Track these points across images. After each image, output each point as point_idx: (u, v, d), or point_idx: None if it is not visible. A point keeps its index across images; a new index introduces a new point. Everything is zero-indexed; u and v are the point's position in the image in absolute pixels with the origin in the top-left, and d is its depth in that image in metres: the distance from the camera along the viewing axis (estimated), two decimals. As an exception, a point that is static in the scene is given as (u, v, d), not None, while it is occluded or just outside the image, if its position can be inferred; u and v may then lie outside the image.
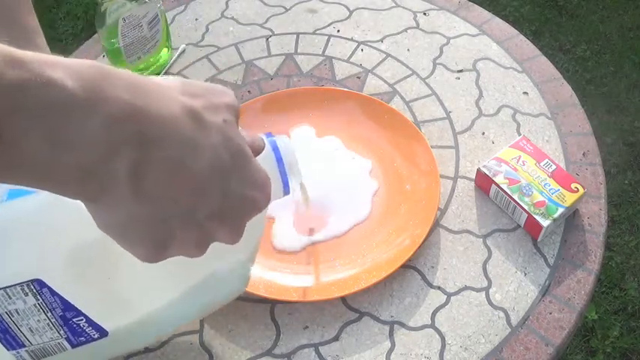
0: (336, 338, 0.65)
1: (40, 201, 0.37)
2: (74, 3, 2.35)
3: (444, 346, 0.64)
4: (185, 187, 0.33)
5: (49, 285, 0.39)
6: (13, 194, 0.38)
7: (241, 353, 0.64)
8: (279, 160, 0.42)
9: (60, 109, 0.28)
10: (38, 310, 0.40)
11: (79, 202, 0.32)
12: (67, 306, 0.40)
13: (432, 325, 0.65)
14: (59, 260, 0.38)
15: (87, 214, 0.33)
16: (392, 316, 0.66)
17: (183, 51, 0.97)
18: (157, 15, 0.89)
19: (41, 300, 0.39)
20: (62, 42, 2.21)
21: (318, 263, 0.70)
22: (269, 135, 0.43)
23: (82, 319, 0.41)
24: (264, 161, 0.40)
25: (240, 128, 0.38)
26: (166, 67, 0.94)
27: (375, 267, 0.68)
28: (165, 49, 0.94)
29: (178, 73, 0.93)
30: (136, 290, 0.42)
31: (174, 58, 0.95)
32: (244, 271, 0.47)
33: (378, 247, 0.70)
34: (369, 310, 0.67)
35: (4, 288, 0.38)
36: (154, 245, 0.33)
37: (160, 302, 0.43)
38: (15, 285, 0.38)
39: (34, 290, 0.39)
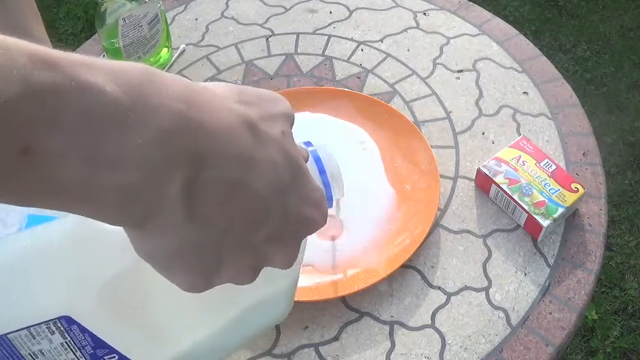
0: (336, 338, 0.65)
1: (65, 227, 0.33)
2: (74, 3, 2.36)
3: (444, 346, 0.64)
4: (244, 208, 0.29)
5: (79, 321, 0.35)
6: (32, 221, 0.35)
7: (241, 353, 0.64)
8: (322, 171, 0.39)
9: (100, 120, 0.24)
10: (66, 350, 0.36)
11: (108, 226, 0.28)
12: (98, 343, 0.36)
13: (432, 325, 0.65)
14: (89, 293, 0.35)
15: (118, 240, 0.29)
16: (392, 316, 0.66)
17: (183, 51, 0.97)
18: (157, 15, 0.89)
19: (69, 338, 0.36)
20: (62, 42, 2.21)
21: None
22: (308, 144, 0.41)
23: (114, 357, 0.37)
24: None
25: None
26: (166, 67, 0.94)
27: (375, 267, 0.68)
28: (165, 49, 0.94)
29: (178, 73, 0.93)
30: (172, 322, 0.38)
31: (174, 58, 0.95)
32: (289, 294, 0.43)
33: (378, 247, 0.70)
34: (369, 310, 0.67)
35: (28, 327, 0.35)
36: (202, 274, 0.30)
37: (199, 335, 0.39)
38: (40, 324, 0.35)
39: (62, 328, 0.35)
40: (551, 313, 0.66)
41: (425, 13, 1.00)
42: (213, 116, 0.28)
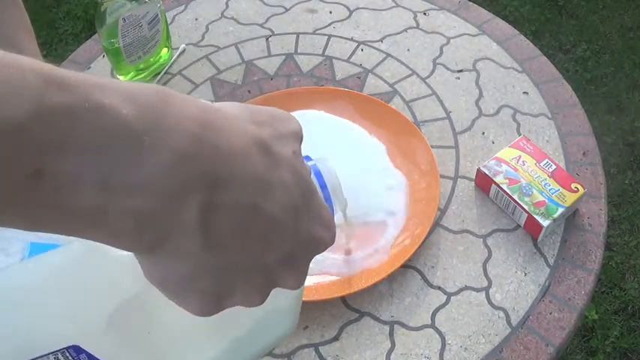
0: (336, 338, 0.65)
1: (69, 255, 0.33)
2: (74, 3, 2.35)
3: (444, 346, 0.64)
4: (259, 231, 0.29)
5: (87, 350, 0.34)
6: (35, 249, 0.34)
7: (241, 353, 0.64)
8: (323, 186, 0.39)
9: (115, 143, 0.23)
10: None
11: (113, 253, 0.27)
12: None
13: (432, 325, 0.65)
14: (96, 321, 0.34)
15: (123, 266, 0.29)
16: (392, 316, 0.66)
17: (183, 51, 0.97)
18: (157, 15, 0.89)
19: None
20: (62, 42, 2.21)
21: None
22: (307, 159, 0.40)
23: None
24: None
25: None
26: (166, 67, 0.94)
27: (375, 267, 0.68)
28: (165, 49, 0.94)
29: (178, 73, 0.93)
30: (178, 345, 0.38)
31: (174, 58, 0.95)
32: (295, 311, 0.43)
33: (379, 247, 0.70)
34: (369, 310, 0.67)
35: (36, 358, 0.34)
36: (213, 298, 0.29)
37: (205, 356, 0.39)
38: (48, 354, 0.34)
39: (70, 357, 0.34)
40: (551, 313, 0.66)
41: (425, 13, 1.00)
42: (228, 138, 0.27)
